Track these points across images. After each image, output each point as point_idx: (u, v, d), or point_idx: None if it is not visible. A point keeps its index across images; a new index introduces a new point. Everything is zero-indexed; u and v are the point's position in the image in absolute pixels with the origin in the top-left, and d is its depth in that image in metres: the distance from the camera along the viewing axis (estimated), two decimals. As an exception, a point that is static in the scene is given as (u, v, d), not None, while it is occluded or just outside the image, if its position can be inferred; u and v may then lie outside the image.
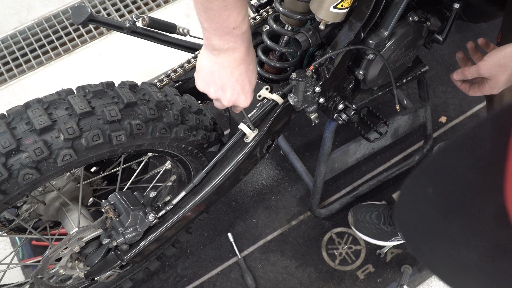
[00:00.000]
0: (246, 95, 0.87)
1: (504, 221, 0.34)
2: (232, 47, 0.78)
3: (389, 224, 1.51)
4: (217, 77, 0.83)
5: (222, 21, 0.72)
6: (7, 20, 2.10)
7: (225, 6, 0.70)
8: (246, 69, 0.83)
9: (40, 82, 1.95)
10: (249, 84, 0.86)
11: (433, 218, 0.40)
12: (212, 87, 0.85)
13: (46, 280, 1.16)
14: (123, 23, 1.01)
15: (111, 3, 2.14)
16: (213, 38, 0.76)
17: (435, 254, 0.41)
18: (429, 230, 0.41)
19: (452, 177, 0.38)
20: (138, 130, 0.92)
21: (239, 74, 0.83)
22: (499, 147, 0.34)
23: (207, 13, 0.71)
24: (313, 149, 1.75)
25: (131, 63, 1.98)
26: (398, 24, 1.05)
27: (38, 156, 0.84)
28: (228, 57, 0.80)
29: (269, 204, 1.66)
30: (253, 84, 0.88)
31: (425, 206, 0.41)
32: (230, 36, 0.75)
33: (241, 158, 1.05)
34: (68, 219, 1.17)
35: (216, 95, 0.87)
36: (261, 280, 1.53)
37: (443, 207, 0.39)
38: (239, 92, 0.86)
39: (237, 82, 0.84)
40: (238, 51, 0.79)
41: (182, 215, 1.06)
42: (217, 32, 0.75)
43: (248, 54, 0.82)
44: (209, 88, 0.86)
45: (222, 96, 0.86)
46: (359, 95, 1.26)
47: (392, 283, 1.52)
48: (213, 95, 0.87)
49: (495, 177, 0.34)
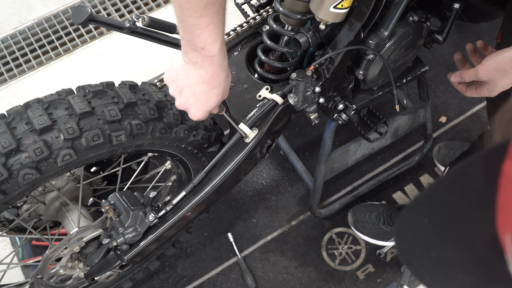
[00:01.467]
0: (197, 111, 0.88)
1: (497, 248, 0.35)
2: (200, 64, 0.79)
3: (388, 224, 1.51)
4: (180, 80, 0.85)
5: (192, 37, 0.74)
6: (7, 20, 2.10)
7: (197, 25, 0.71)
8: (207, 90, 0.84)
9: (40, 82, 1.95)
10: (205, 104, 0.87)
11: (430, 245, 0.42)
12: (172, 85, 0.88)
13: (46, 280, 1.16)
14: (123, 23, 1.01)
15: (111, 3, 2.14)
16: (186, 47, 0.78)
17: (433, 277, 0.43)
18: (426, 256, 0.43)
19: (445, 209, 0.40)
20: (138, 130, 0.92)
21: (198, 91, 0.84)
22: (490, 184, 0.35)
23: (182, 25, 0.73)
24: (313, 149, 1.75)
25: (131, 63, 1.98)
26: (398, 24, 1.05)
27: (38, 156, 0.83)
28: (194, 71, 0.81)
29: (269, 204, 1.66)
30: (210, 106, 0.88)
31: (421, 234, 0.43)
32: (199, 53, 0.77)
33: (241, 158, 1.05)
34: (68, 219, 1.17)
35: (173, 94, 0.89)
36: (261, 280, 1.53)
37: (438, 236, 0.41)
38: (191, 105, 0.87)
39: (193, 95, 0.85)
40: (204, 70, 0.80)
41: (182, 215, 1.06)
42: (189, 45, 0.76)
43: (213, 77, 0.82)
44: (170, 83, 0.88)
45: (177, 97, 0.88)
46: (359, 95, 1.26)
47: (392, 283, 1.52)
48: (171, 92, 0.89)
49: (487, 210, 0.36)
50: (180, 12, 0.70)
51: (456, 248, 0.40)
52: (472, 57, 1.11)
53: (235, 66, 1.14)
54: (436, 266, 0.42)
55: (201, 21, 0.70)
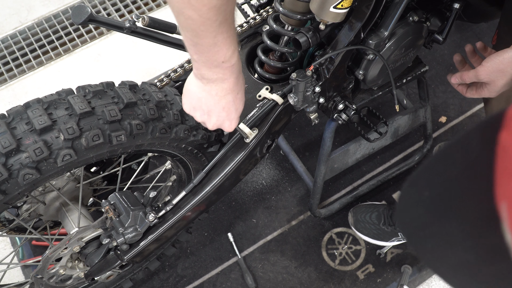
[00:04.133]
0: (231, 121, 0.89)
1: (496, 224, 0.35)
2: (221, 78, 0.78)
3: (389, 224, 1.51)
4: (204, 103, 0.84)
5: (211, 55, 0.72)
6: (7, 20, 2.10)
7: (215, 44, 0.70)
8: (234, 98, 0.84)
9: (40, 82, 1.95)
10: (235, 111, 0.88)
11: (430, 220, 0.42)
12: (198, 111, 0.87)
13: (46, 280, 1.16)
14: (123, 23, 1.01)
15: (111, 3, 2.14)
16: (202, 69, 0.77)
17: (434, 254, 0.43)
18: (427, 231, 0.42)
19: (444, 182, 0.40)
20: (138, 130, 0.92)
21: (226, 103, 0.84)
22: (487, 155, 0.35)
23: (197, 47, 0.71)
24: (313, 149, 1.75)
25: (131, 63, 1.98)
26: (398, 24, 1.05)
27: (38, 156, 0.83)
28: (216, 87, 0.80)
29: (269, 204, 1.66)
30: (240, 111, 0.90)
31: (422, 209, 0.43)
32: (219, 68, 0.76)
33: (241, 158, 1.05)
34: (68, 219, 1.17)
35: (202, 119, 0.89)
36: (261, 280, 1.53)
37: (438, 210, 0.41)
38: (224, 119, 0.88)
39: (223, 109, 0.85)
40: (227, 81, 0.80)
41: (182, 215, 1.06)
42: (206, 65, 0.75)
43: (236, 84, 0.82)
44: (195, 112, 0.88)
45: (208, 120, 0.88)
46: (359, 95, 1.26)
47: (392, 283, 1.52)
48: (199, 119, 0.89)
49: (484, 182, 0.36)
50: (194, 36, 0.69)
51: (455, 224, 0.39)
52: (471, 58, 1.11)
53: (235, 66, 1.14)
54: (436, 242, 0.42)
55: (218, 39, 0.69)
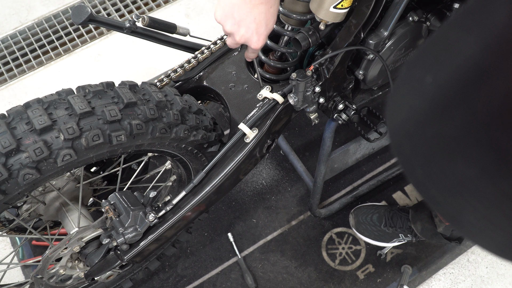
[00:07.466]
0: (259, 36, 0.88)
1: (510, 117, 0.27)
2: None
3: (390, 226, 1.52)
4: (236, 11, 0.84)
5: None
6: (7, 20, 2.10)
7: None
8: (266, 10, 0.84)
9: (40, 82, 1.95)
10: (265, 26, 0.87)
11: (429, 117, 0.34)
12: (229, 20, 0.86)
13: (46, 280, 1.16)
14: (123, 23, 1.01)
15: (111, 3, 2.14)
16: None
17: (427, 170, 0.35)
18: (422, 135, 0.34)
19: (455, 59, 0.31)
20: (138, 130, 0.92)
21: (258, 13, 0.83)
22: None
23: None
24: (313, 149, 1.75)
25: (131, 63, 1.98)
26: (398, 24, 1.05)
27: (38, 156, 0.83)
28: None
29: (269, 204, 1.66)
30: (269, 29, 0.88)
31: (420, 100, 0.34)
32: None
33: (241, 158, 1.05)
34: (68, 219, 1.17)
35: (232, 29, 0.87)
36: (261, 280, 1.53)
37: (442, 100, 0.32)
38: (253, 32, 0.86)
39: (254, 20, 0.84)
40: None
41: (182, 215, 1.06)
42: None
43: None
44: (226, 20, 0.87)
45: (236, 31, 0.87)
46: (359, 95, 1.26)
47: (392, 283, 1.52)
48: (228, 28, 0.88)
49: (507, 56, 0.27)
50: None
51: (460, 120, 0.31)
52: None
53: (235, 66, 1.14)
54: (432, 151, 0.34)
55: None
